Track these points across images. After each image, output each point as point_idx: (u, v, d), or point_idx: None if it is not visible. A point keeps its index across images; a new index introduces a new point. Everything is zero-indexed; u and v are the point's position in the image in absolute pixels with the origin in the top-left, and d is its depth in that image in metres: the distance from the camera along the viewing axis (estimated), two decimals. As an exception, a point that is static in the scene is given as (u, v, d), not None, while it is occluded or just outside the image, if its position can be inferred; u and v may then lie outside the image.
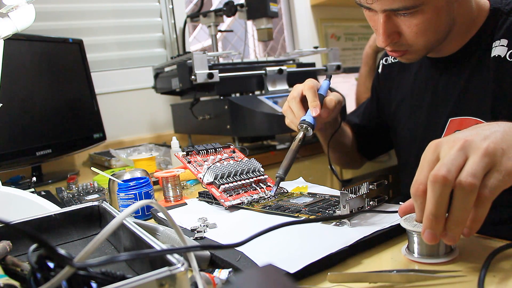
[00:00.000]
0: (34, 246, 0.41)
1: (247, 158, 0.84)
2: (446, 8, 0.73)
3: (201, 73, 1.24)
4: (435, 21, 0.73)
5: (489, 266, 0.44)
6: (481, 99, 0.79)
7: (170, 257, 0.39)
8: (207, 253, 0.51)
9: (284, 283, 0.30)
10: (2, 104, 0.81)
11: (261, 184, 0.79)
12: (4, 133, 1.16)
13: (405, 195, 0.98)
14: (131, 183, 0.77)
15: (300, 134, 0.81)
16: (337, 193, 0.72)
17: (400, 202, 0.54)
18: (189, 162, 0.80)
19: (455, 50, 0.83)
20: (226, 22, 2.40)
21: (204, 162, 0.81)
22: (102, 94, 1.61)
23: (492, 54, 0.77)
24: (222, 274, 0.47)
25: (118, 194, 0.77)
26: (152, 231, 0.59)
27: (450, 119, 0.83)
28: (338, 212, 0.60)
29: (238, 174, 0.77)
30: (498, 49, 0.76)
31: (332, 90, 0.91)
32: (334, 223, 0.58)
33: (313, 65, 1.57)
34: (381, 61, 1.07)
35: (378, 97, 1.08)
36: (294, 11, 2.26)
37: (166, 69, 1.63)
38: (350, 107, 1.62)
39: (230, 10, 1.57)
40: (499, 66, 0.76)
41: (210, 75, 1.25)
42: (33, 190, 0.97)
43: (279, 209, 0.66)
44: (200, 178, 0.76)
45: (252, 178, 0.78)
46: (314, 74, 1.53)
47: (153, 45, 1.84)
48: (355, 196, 0.58)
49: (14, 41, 1.15)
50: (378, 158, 1.36)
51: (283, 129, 1.06)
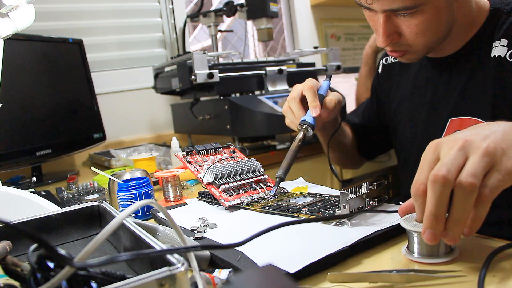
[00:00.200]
0: (34, 246, 0.41)
1: (247, 158, 0.84)
2: (446, 8, 0.73)
3: (201, 73, 1.24)
4: (435, 21, 0.73)
5: (489, 266, 0.44)
6: (481, 99, 0.79)
7: (170, 257, 0.39)
8: (207, 253, 0.51)
9: (284, 283, 0.30)
10: (2, 104, 0.81)
11: (261, 184, 0.79)
12: (4, 133, 1.16)
13: (405, 195, 0.98)
14: (131, 183, 0.77)
15: (300, 134, 0.81)
16: (337, 193, 0.72)
17: (400, 202, 0.54)
18: (189, 162, 0.80)
19: (455, 50, 0.83)
20: (226, 22, 2.40)
21: (204, 162, 0.81)
22: (102, 94, 1.61)
23: (492, 54, 0.77)
24: (222, 274, 0.47)
25: (118, 194, 0.77)
26: (152, 231, 0.59)
27: (450, 119, 0.83)
28: (338, 212, 0.60)
29: (238, 174, 0.77)
30: (498, 49, 0.76)
31: (332, 90, 0.91)
32: (334, 223, 0.58)
33: (313, 65, 1.57)
34: (381, 61, 1.07)
35: (378, 97, 1.08)
36: (294, 11, 2.26)
37: (166, 69, 1.63)
38: (350, 107, 1.62)
39: (230, 10, 1.57)
40: (499, 66, 0.76)
41: (210, 75, 1.25)
42: (33, 190, 0.97)
43: (279, 209, 0.66)
44: (200, 178, 0.76)
45: (252, 178, 0.78)
46: (314, 74, 1.53)
47: (153, 45, 1.84)
48: (355, 196, 0.59)
49: (14, 41, 1.15)
50: (378, 158, 1.36)
51: (283, 129, 1.06)
